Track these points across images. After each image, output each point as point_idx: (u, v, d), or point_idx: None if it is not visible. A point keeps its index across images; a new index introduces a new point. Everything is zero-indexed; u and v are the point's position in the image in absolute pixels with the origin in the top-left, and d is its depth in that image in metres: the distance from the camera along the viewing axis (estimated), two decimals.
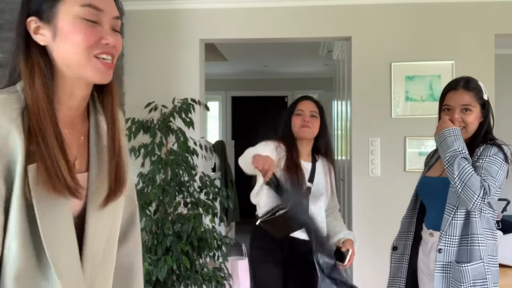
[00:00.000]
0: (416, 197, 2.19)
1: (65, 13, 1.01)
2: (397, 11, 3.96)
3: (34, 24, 1.04)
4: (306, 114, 2.48)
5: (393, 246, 2.20)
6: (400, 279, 2.14)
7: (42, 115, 0.98)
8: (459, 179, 1.84)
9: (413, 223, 2.16)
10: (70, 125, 1.08)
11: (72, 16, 1.01)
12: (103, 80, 1.05)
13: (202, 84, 4.18)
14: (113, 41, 1.04)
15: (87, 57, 1.02)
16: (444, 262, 1.92)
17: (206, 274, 3.36)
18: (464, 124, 2.00)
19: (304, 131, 2.47)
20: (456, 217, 1.93)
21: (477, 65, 3.82)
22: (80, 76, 1.04)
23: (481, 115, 2.02)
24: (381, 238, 3.34)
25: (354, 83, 4.02)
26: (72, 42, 1.01)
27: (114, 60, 1.07)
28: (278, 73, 8.11)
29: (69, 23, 1.01)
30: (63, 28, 1.02)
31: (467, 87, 2.02)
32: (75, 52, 1.01)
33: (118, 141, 1.12)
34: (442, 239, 1.93)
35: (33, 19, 1.04)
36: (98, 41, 1.02)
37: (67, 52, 1.02)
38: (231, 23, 4.08)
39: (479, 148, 1.97)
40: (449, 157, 1.88)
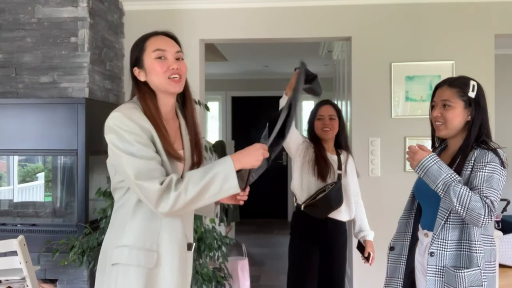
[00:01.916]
0: (413, 197, 2.19)
1: (147, 59, 1.74)
2: (397, 11, 3.96)
3: (137, 71, 1.76)
4: (326, 118, 2.95)
5: (390, 246, 2.19)
6: (397, 279, 2.13)
7: (155, 114, 1.70)
8: (460, 205, 1.82)
9: (410, 224, 2.15)
10: (167, 122, 1.76)
11: (150, 59, 1.73)
12: (177, 90, 1.76)
13: (202, 84, 4.18)
14: (176, 66, 1.74)
15: (164, 78, 1.72)
16: (436, 266, 1.91)
17: (206, 274, 3.35)
18: (443, 120, 1.99)
19: (325, 133, 2.94)
20: (449, 221, 1.92)
21: (477, 65, 3.82)
22: (165, 90, 1.74)
23: (468, 113, 1.98)
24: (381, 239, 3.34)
25: (354, 83, 4.02)
26: (154, 74, 1.73)
27: (182, 78, 1.76)
28: (278, 73, 8.11)
29: (150, 63, 1.73)
30: (148, 67, 1.73)
31: (450, 83, 2.01)
32: (157, 78, 1.73)
33: (196, 130, 1.85)
34: (434, 243, 1.93)
35: (135, 69, 1.77)
36: (167, 68, 1.72)
37: (154, 80, 1.74)
38: (231, 23, 4.08)
39: (473, 152, 1.94)
40: (442, 187, 1.84)
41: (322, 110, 2.99)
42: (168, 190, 1.58)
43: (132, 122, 1.64)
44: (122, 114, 1.65)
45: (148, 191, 1.59)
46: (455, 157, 2.00)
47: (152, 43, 1.74)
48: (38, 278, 3.26)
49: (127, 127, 1.63)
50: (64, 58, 3.54)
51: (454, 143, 2.05)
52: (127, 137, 1.62)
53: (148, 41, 1.75)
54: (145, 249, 1.68)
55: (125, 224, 1.70)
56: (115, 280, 1.67)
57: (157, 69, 1.71)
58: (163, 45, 1.74)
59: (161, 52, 1.72)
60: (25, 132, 3.50)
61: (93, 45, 3.60)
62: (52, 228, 3.47)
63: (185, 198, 1.59)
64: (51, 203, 3.70)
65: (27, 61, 3.57)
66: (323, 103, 3.05)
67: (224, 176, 1.62)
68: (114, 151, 1.65)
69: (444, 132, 2.02)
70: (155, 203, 1.59)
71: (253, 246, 6.45)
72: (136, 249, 1.67)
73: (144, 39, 1.77)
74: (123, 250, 1.68)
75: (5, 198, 3.78)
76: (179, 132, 1.82)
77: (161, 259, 1.69)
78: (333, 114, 2.98)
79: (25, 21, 3.58)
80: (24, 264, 2.85)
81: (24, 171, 3.83)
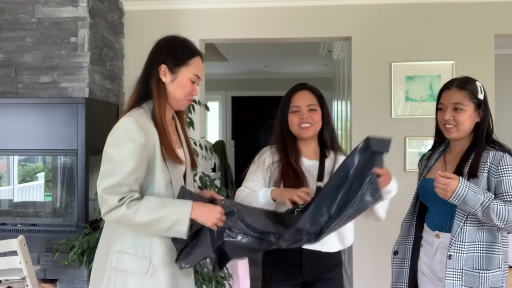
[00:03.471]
0: (416, 199, 2.17)
1: (185, 73, 1.80)
2: (397, 11, 3.96)
3: (163, 69, 1.79)
4: (303, 110, 2.13)
5: (394, 250, 2.18)
6: (402, 284, 2.12)
7: (163, 121, 1.76)
8: (499, 220, 1.84)
9: (413, 226, 2.13)
10: (170, 124, 1.86)
11: (187, 77, 1.80)
12: (183, 108, 1.89)
13: (202, 84, 4.18)
14: (197, 93, 1.87)
15: (183, 98, 1.82)
16: (454, 269, 1.90)
17: (206, 274, 3.35)
18: (455, 122, 1.99)
19: (305, 131, 2.13)
20: (467, 223, 1.91)
21: (477, 65, 3.82)
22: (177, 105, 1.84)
23: (477, 115, 2.00)
24: (382, 239, 3.34)
25: (354, 83, 4.01)
26: (181, 90, 1.80)
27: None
28: (278, 73, 8.11)
29: (184, 80, 1.80)
30: (180, 81, 1.80)
31: (460, 86, 2.00)
32: (180, 95, 1.81)
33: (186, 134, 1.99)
34: (453, 245, 1.91)
35: (163, 66, 1.79)
36: (191, 92, 1.83)
37: (176, 93, 1.80)
38: (231, 23, 4.08)
39: (486, 153, 1.94)
40: (481, 209, 1.85)
41: (297, 98, 2.16)
42: (121, 205, 1.63)
43: (140, 130, 1.68)
44: (134, 119, 1.70)
45: (106, 202, 1.64)
46: (465, 157, 1.99)
47: (196, 64, 1.82)
48: (38, 278, 3.26)
49: (132, 133, 1.67)
50: (64, 58, 3.54)
51: (461, 144, 2.04)
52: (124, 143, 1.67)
53: (193, 59, 1.82)
54: (138, 256, 1.71)
55: (118, 229, 1.74)
56: (114, 283, 1.71)
57: (186, 89, 1.80)
58: (201, 72, 1.85)
59: (197, 79, 1.83)
60: (25, 132, 3.50)
61: (93, 45, 3.60)
62: (52, 228, 3.47)
63: (132, 220, 1.64)
64: (51, 203, 3.70)
65: (27, 61, 3.57)
66: (297, 88, 2.21)
67: (177, 219, 1.65)
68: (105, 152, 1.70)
69: (455, 135, 2.01)
70: (103, 212, 1.66)
71: None
72: (129, 255, 1.72)
73: (191, 54, 1.82)
74: (121, 256, 1.72)
75: (5, 198, 3.77)
76: (177, 132, 1.92)
77: (154, 265, 1.71)
78: (313, 103, 2.15)
79: (25, 21, 3.58)
80: (24, 264, 2.85)
81: (24, 171, 3.83)
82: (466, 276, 1.89)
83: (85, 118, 3.42)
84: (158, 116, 1.75)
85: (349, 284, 4.16)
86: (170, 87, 1.79)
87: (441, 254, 1.97)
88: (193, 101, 3.64)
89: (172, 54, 1.80)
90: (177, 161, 1.77)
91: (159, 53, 1.81)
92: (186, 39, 1.89)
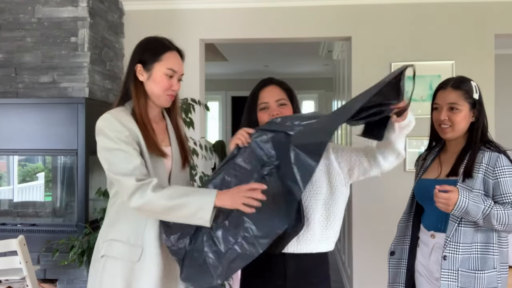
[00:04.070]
0: (412, 199, 2.18)
1: (158, 69, 1.83)
2: (397, 11, 3.96)
3: (139, 69, 1.84)
4: (272, 106, 1.97)
5: (391, 251, 2.18)
6: (399, 285, 2.12)
7: (144, 117, 1.81)
8: (500, 224, 1.86)
9: (410, 227, 2.14)
10: (155, 122, 1.90)
11: (161, 72, 1.83)
12: (167, 105, 1.91)
13: (202, 84, 4.18)
14: (177, 88, 1.89)
15: (163, 94, 1.85)
16: (449, 270, 1.91)
17: None
18: (450, 122, 1.98)
19: None
20: (462, 224, 1.92)
21: (477, 65, 3.82)
22: (158, 101, 1.87)
23: (472, 115, 2.00)
24: (381, 239, 3.34)
25: (354, 83, 4.01)
26: (158, 86, 1.84)
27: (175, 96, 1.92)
28: (278, 73, 8.11)
29: (159, 75, 1.83)
30: (155, 77, 1.83)
31: (455, 86, 2.00)
32: (158, 91, 1.84)
33: (180, 131, 2.00)
34: (448, 246, 1.92)
35: (139, 66, 1.84)
36: (170, 87, 1.85)
37: (154, 89, 1.85)
38: (231, 23, 4.08)
39: (482, 154, 1.94)
40: (482, 217, 1.86)
41: (264, 94, 2.01)
42: (146, 188, 1.68)
43: (119, 124, 1.76)
44: (112, 116, 1.78)
45: (124, 184, 1.70)
46: (460, 157, 1.99)
47: (169, 58, 1.85)
48: (38, 278, 3.26)
49: (114, 127, 1.75)
50: (64, 58, 3.54)
51: (456, 144, 2.04)
52: (113, 135, 1.74)
53: (166, 54, 1.85)
54: (130, 244, 1.78)
55: (115, 218, 1.83)
56: (101, 270, 1.79)
57: (162, 84, 1.83)
58: (177, 66, 1.86)
59: (173, 72, 1.85)
60: (25, 132, 3.50)
61: (93, 45, 3.60)
62: (52, 228, 3.47)
63: (158, 204, 1.67)
64: (51, 203, 3.69)
65: (27, 61, 3.57)
66: (264, 83, 2.05)
67: (200, 205, 1.65)
68: (101, 149, 1.78)
69: (450, 135, 2.01)
70: (129, 195, 1.69)
71: None
72: (121, 243, 1.79)
73: (163, 49, 1.85)
74: (111, 243, 1.80)
75: (5, 198, 3.77)
76: (166, 131, 1.95)
77: (145, 254, 1.78)
78: (282, 97, 1.99)
79: (25, 21, 3.58)
80: (24, 264, 2.85)
81: (24, 171, 3.83)
82: (462, 277, 1.89)
83: (85, 118, 3.42)
84: (138, 113, 1.81)
85: (349, 284, 4.16)
86: (147, 85, 1.84)
87: (437, 254, 1.97)
88: (193, 101, 3.64)
89: (145, 52, 1.85)
90: (159, 153, 1.81)
91: (135, 54, 1.87)
92: (162, 38, 1.91)
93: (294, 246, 1.87)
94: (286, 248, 1.87)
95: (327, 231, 1.90)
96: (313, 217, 1.88)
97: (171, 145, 1.93)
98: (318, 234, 1.88)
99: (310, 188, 1.90)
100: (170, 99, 1.88)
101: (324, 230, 1.90)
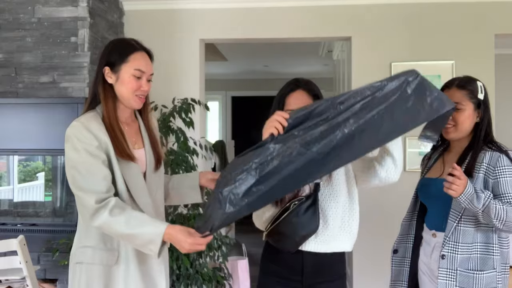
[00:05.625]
0: (415, 199, 2.18)
1: (126, 71, 1.81)
2: (397, 11, 3.96)
3: (107, 71, 1.82)
4: None
5: (394, 249, 2.18)
6: (402, 282, 2.12)
7: (112, 121, 1.81)
8: (498, 220, 1.84)
9: (413, 225, 2.14)
10: (127, 124, 1.90)
11: (128, 74, 1.81)
12: (138, 107, 1.88)
13: (202, 84, 4.18)
14: (147, 88, 1.86)
15: (132, 95, 1.83)
16: (447, 269, 1.91)
17: (206, 274, 3.36)
18: (454, 122, 1.98)
19: None
20: (461, 223, 1.92)
21: (477, 65, 3.82)
22: (128, 103, 1.85)
23: (476, 115, 2.00)
24: (382, 239, 3.34)
25: (354, 83, 4.01)
26: (126, 87, 1.82)
27: (146, 97, 1.89)
28: (278, 73, 8.10)
29: (127, 77, 1.81)
30: (123, 79, 1.81)
31: (460, 85, 2.00)
32: (127, 92, 1.82)
33: (152, 131, 1.97)
34: (446, 245, 1.92)
35: (107, 68, 1.82)
36: (138, 88, 1.83)
37: (123, 91, 1.82)
38: (231, 23, 4.08)
39: (483, 154, 1.94)
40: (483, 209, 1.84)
41: (291, 101, 1.97)
42: (103, 211, 1.70)
43: (89, 133, 1.75)
44: (81, 124, 1.77)
45: (84, 203, 1.73)
46: (462, 157, 1.99)
47: (136, 59, 1.82)
48: (38, 278, 3.26)
49: (82, 137, 1.75)
50: (64, 58, 3.54)
51: (460, 144, 2.04)
52: (79, 147, 1.75)
53: (132, 55, 1.82)
54: (107, 249, 1.80)
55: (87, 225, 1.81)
56: (79, 277, 1.81)
57: (130, 86, 1.81)
58: (144, 66, 1.83)
59: (141, 73, 1.82)
60: (25, 132, 3.50)
61: (93, 45, 3.60)
62: (52, 228, 3.47)
63: (113, 228, 1.71)
64: (51, 202, 3.70)
65: (27, 61, 3.57)
66: (291, 88, 2.00)
67: (150, 239, 1.69)
68: (67, 160, 1.79)
69: (454, 135, 2.01)
70: (89, 216, 1.72)
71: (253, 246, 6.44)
72: (98, 249, 1.80)
73: (130, 50, 1.83)
74: (86, 250, 1.81)
75: (5, 198, 3.78)
76: (139, 132, 1.94)
77: (121, 257, 1.80)
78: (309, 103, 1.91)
79: (25, 21, 3.58)
80: (24, 264, 2.85)
81: (24, 171, 3.83)
82: (461, 277, 1.89)
83: None
84: (106, 117, 1.80)
85: (349, 284, 4.16)
86: (116, 87, 1.82)
87: (438, 253, 1.98)
88: (193, 101, 3.64)
89: (112, 54, 1.83)
90: (128, 158, 1.80)
91: (102, 57, 1.85)
92: (129, 39, 1.92)
93: (312, 245, 1.93)
94: (304, 246, 1.91)
95: (346, 232, 1.96)
96: (333, 218, 1.93)
97: (145, 147, 1.92)
98: (337, 235, 1.94)
99: (330, 190, 1.96)
100: (140, 101, 1.85)
101: (342, 231, 1.96)
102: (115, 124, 1.80)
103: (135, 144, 1.89)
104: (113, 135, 1.78)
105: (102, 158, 1.75)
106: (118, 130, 1.80)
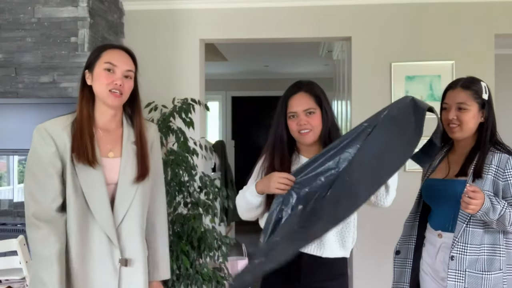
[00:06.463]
0: (419, 199, 2.17)
1: (98, 67, 1.82)
2: (397, 11, 3.96)
3: (87, 74, 1.85)
4: (300, 116, 1.99)
5: (396, 250, 2.18)
6: (404, 284, 2.12)
7: (83, 122, 1.78)
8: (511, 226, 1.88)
9: (416, 226, 2.13)
10: (105, 130, 1.85)
11: (100, 69, 1.81)
12: (114, 104, 1.81)
13: (202, 84, 4.18)
14: (120, 83, 1.80)
15: (105, 90, 1.79)
16: (456, 270, 1.91)
17: (206, 274, 3.36)
18: (459, 122, 1.99)
19: (305, 137, 2.00)
20: (470, 225, 1.91)
21: (477, 65, 3.82)
22: (104, 100, 1.81)
23: (481, 115, 2.00)
24: (382, 239, 3.34)
25: (354, 83, 4.01)
26: (99, 82, 1.81)
27: (123, 95, 1.82)
28: (278, 73, 8.10)
29: (98, 72, 1.81)
30: (95, 75, 1.82)
31: (465, 86, 2.01)
32: (100, 87, 1.80)
33: (143, 142, 1.88)
34: (455, 246, 1.91)
35: (86, 71, 1.85)
36: (111, 82, 1.79)
37: (97, 88, 1.81)
38: (231, 23, 4.08)
39: (492, 155, 1.94)
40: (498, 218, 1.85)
41: (293, 103, 2.01)
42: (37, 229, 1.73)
43: (48, 137, 1.76)
44: (44, 128, 1.79)
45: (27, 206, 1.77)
46: (469, 158, 2.00)
47: (107, 54, 1.84)
48: None
49: (41, 142, 1.77)
50: (64, 58, 3.54)
51: (464, 144, 2.04)
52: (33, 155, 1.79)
53: (105, 52, 1.85)
54: None
55: None
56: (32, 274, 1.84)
57: (102, 79, 1.80)
58: (116, 60, 1.82)
59: (111, 66, 1.81)
60: (25, 132, 3.46)
61: (93, 45, 3.59)
62: None
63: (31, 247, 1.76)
64: None
65: (27, 61, 3.57)
66: (293, 91, 2.03)
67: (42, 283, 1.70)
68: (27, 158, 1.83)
69: (458, 135, 2.01)
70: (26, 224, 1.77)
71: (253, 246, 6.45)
72: None
73: (103, 48, 1.88)
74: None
75: (5, 198, 3.77)
76: (120, 140, 1.87)
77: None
78: (310, 106, 1.99)
79: (25, 21, 3.58)
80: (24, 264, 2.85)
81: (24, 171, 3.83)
82: (469, 278, 1.89)
83: None
84: (78, 119, 1.80)
85: (349, 284, 4.16)
86: (93, 87, 1.83)
87: (444, 254, 1.97)
88: (193, 101, 3.63)
89: (90, 57, 1.89)
90: (87, 163, 1.75)
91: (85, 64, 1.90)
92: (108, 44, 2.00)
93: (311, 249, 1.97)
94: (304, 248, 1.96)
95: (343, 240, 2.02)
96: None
97: (122, 156, 1.83)
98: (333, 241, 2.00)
99: None
100: (115, 97, 1.79)
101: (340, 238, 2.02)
102: (85, 126, 1.78)
103: (109, 152, 1.83)
104: (78, 137, 1.76)
105: (57, 168, 1.75)
106: (86, 133, 1.77)
